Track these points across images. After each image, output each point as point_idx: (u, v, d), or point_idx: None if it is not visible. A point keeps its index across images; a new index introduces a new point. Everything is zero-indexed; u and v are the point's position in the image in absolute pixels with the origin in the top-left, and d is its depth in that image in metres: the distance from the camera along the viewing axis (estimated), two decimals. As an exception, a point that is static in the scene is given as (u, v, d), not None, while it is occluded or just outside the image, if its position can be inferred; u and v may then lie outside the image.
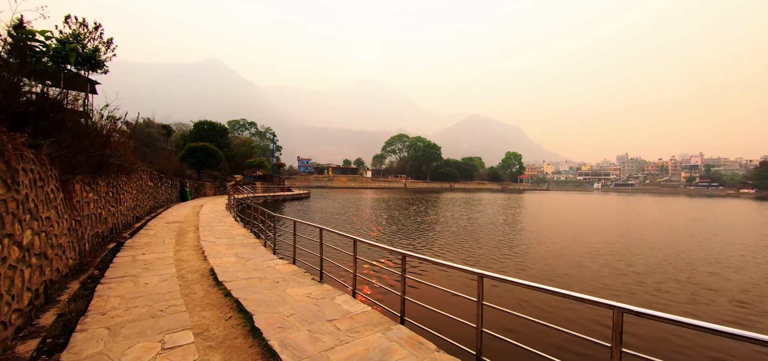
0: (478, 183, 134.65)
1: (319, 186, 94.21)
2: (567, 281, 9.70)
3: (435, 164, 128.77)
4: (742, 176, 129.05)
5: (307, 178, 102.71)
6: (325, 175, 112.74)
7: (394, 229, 19.54)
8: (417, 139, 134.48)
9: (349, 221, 22.47)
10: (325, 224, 20.72)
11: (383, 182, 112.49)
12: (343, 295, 5.41)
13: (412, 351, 3.68)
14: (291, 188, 52.79)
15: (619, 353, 2.59)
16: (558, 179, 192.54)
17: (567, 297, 2.92)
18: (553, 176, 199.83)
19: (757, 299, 8.32)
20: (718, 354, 5.49)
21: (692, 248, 15.00)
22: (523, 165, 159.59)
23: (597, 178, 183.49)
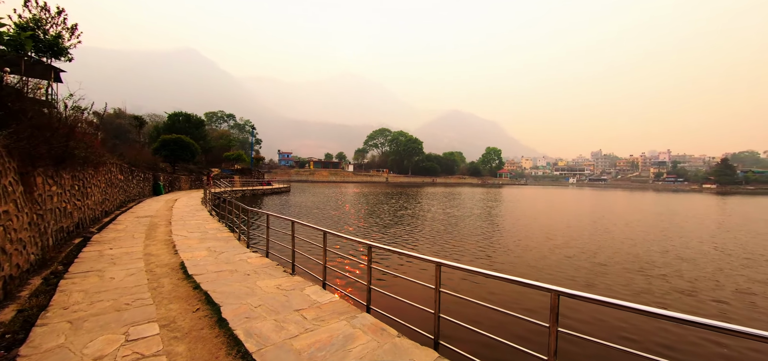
0: (459, 178, 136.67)
1: (300, 180, 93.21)
2: (524, 268, 10.17)
3: (417, 159, 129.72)
4: (705, 173, 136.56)
5: (288, 172, 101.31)
6: (307, 169, 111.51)
7: (371, 222, 19.73)
8: (399, 134, 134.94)
9: (328, 216, 22.50)
10: (304, 218, 20.69)
11: (365, 176, 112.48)
12: (313, 286, 5.53)
13: (373, 337, 3.86)
14: (271, 182, 52.07)
15: (555, 332, 2.84)
16: (536, 174, 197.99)
17: (513, 282, 3.16)
18: (531, 171, 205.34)
19: (700, 287, 9.00)
20: (649, 335, 5.95)
21: (651, 240, 15.92)
22: (502, 160, 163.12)
23: (572, 173, 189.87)
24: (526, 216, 24.54)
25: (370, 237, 15.00)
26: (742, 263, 11.48)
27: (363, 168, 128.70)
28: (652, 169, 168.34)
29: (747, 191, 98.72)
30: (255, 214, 18.13)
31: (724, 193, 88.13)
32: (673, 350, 5.47)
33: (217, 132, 67.72)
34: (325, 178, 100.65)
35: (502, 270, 10.04)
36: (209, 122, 79.32)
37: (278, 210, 25.09)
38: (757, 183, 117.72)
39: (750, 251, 13.54)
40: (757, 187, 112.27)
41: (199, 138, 42.16)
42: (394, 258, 10.28)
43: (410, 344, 3.74)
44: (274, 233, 11.73)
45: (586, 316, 6.53)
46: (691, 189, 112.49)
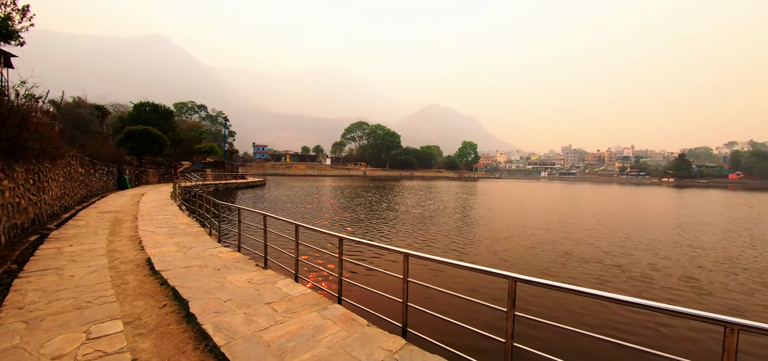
0: (436, 171, 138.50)
1: (276, 174, 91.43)
2: (492, 259, 10.58)
3: (394, 152, 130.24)
4: (664, 167, 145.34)
5: (264, 166, 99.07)
6: (283, 163, 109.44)
7: (346, 216, 19.75)
8: (377, 127, 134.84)
9: (303, 210, 22.30)
10: (279, 212, 20.39)
11: (343, 170, 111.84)
12: (285, 279, 5.54)
13: (343, 327, 3.95)
14: (245, 176, 50.77)
15: (512, 316, 3.03)
16: (510, 168, 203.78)
17: (474, 270, 3.33)
18: (506, 165, 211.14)
19: (651, 275, 9.68)
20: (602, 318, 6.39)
21: (612, 231, 16.88)
22: (478, 154, 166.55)
23: (544, 167, 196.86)
24: (499, 209, 25.32)
25: (343, 230, 15.05)
26: (690, 253, 12.42)
27: (341, 161, 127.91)
28: (617, 163, 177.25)
29: (700, 184, 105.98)
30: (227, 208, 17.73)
31: (680, 186, 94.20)
32: (624, 331, 5.90)
33: (188, 124, 65.15)
34: (301, 172, 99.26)
35: (470, 261, 10.40)
36: (179, 113, 76.19)
37: (252, 204, 24.60)
38: (709, 177, 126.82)
39: (699, 243, 14.64)
40: (709, 180, 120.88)
41: (167, 130, 40.43)
42: (366, 250, 10.44)
43: (379, 333, 3.86)
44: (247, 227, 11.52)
45: (548, 302, 6.91)
46: (652, 182, 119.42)
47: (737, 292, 8.18)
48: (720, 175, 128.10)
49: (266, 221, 6.39)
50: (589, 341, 5.17)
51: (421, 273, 8.31)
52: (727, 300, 7.62)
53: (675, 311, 2.44)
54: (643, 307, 2.55)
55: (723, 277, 9.31)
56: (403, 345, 3.61)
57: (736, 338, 2.19)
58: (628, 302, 2.62)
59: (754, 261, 11.18)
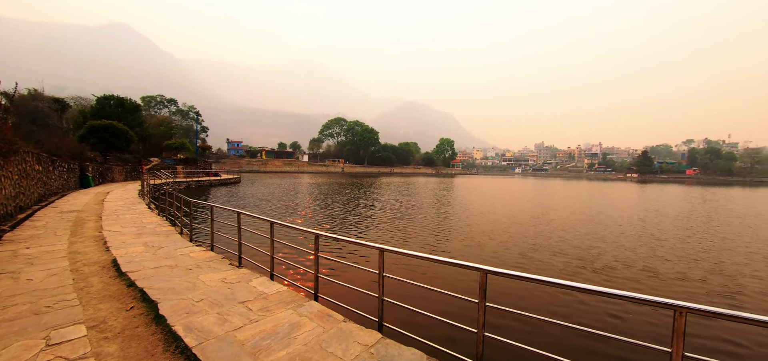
0: (414, 168, 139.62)
1: (251, 171, 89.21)
2: (468, 253, 10.87)
3: (373, 149, 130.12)
4: (629, 163, 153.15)
5: (238, 163, 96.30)
6: (259, 159, 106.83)
7: (324, 213, 19.62)
8: (355, 124, 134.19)
9: (280, 207, 21.93)
10: (254, 209, 19.97)
11: (320, 167, 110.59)
12: (260, 278, 5.46)
13: (319, 324, 3.95)
14: (219, 173, 49.27)
15: (483, 307, 3.14)
16: (486, 165, 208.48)
17: (447, 263, 3.42)
18: (482, 162, 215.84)
19: (613, 266, 10.25)
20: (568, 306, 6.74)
21: (580, 225, 17.69)
22: (455, 151, 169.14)
23: (518, 163, 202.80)
24: (476, 205, 25.90)
25: (320, 227, 14.96)
26: (651, 245, 13.22)
27: (318, 158, 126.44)
28: (586, 160, 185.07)
29: (661, 180, 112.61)
30: (199, 206, 17.17)
31: (643, 181, 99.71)
32: (588, 318, 6.23)
33: (157, 118, 62.28)
34: (278, 169, 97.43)
35: (445, 255, 10.61)
36: (147, 107, 72.76)
37: (226, 202, 23.93)
38: (669, 172, 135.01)
39: (659, 235, 15.60)
40: (669, 176, 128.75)
41: (134, 125, 38.58)
42: (343, 247, 10.48)
43: (355, 328, 3.89)
44: (220, 225, 11.24)
45: (518, 292, 7.18)
46: (618, 178, 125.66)
47: (691, 280, 8.80)
48: (678, 171, 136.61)
49: (240, 219, 6.25)
50: (556, 328, 5.44)
51: (397, 268, 8.42)
52: (682, 287, 8.18)
53: (631, 298, 2.62)
54: (604, 294, 2.72)
55: (678, 266, 9.98)
56: (379, 339, 3.66)
57: (684, 320, 2.37)
58: (590, 291, 2.78)
59: (705, 252, 12.04)
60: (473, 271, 3.21)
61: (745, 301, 7.46)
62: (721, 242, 13.71)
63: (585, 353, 5.03)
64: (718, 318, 2.35)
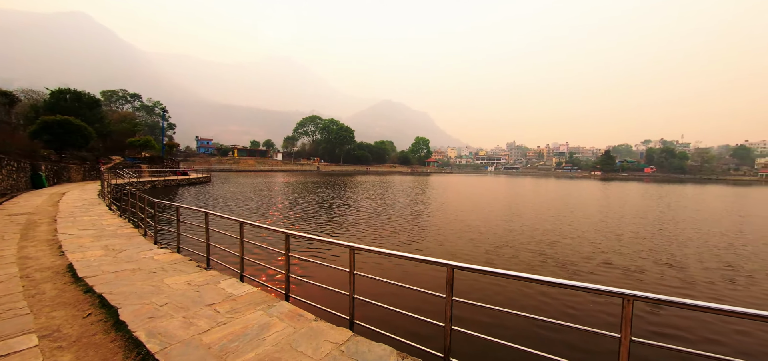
0: (390, 166, 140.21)
1: (222, 169, 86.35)
2: (438, 249, 11.13)
3: (348, 147, 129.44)
4: (593, 162, 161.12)
5: (209, 161, 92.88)
6: (230, 158, 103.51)
7: (297, 212, 19.35)
8: (330, 122, 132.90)
9: (251, 206, 21.41)
10: (225, 209, 19.38)
11: (295, 165, 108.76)
12: (229, 279, 5.33)
13: (290, 323, 3.92)
14: (187, 172, 47.36)
15: (450, 301, 3.24)
16: (460, 163, 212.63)
17: (415, 260, 3.49)
18: (456, 161, 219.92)
19: (576, 260, 10.81)
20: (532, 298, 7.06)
21: (547, 220, 18.48)
22: (430, 150, 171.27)
23: (491, 162, 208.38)
24: (451, 204, 26.40)
25: (293, 227, 14.77)
26: (611, 239, 14.02)
27: (293, 157, 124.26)
28: (554, 159, 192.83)
29: (622, 177, 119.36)
30: (165, 206, 16.48)
31: (606, 179, 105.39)
32: (550, 308, 6.55)
33: (119, 114, 58.95)
34: (251, 168, 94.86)
35: (416, 252, 10.79)
36: (108, 103, 68.73)
37: (195, 202, 23.06)
38: (629, 170, 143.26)
39: (618, 230, 16.57)
40: (629, 174, 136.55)
41: (94, 121, 36.32)
42: (314, 246, 10.43)
43: (327, 327, 3.89)
44: (187, 226, 10.87)
45: (485, 286, 7.43)
46: (583, 176, 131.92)
47: (644, 271, 9.43)
48: (638, 169, 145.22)
49: (208, 219, 6.07)
50: (520, 319, 5.69)
51: (369, 266, 8.48)
52: (634, 277, 8.76)
53: (586, 288, 2.80)
54: (561, 286, 2.88)
55: (633, 259, 10.67)
56: (349, 337, 3.68)
57: (631, 307, 2.56)
58: (548, 282, 2.94)
59: (657, 245, 12.93)
60: (441, 266, 3.31)
61: (692, 289, 8.09)
62: (673, 235, 14.75)
63: (546, 341, 5.28)
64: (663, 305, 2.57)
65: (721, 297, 7.65)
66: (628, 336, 2.56)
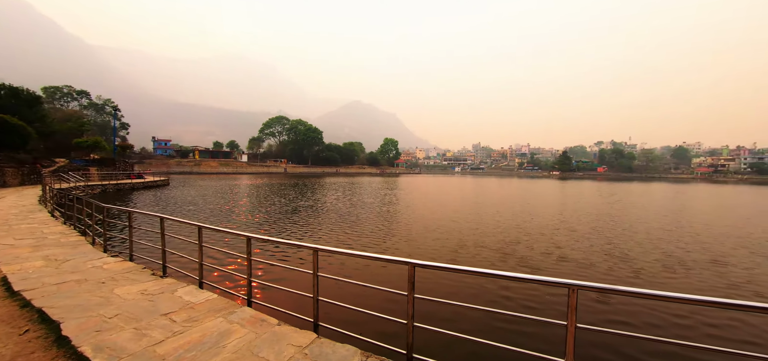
0: (359, 167, 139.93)
1: (182, 172, 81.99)
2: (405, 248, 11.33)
3: (317, 149, 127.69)
4: (552, 162, 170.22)
5: (167, 163, 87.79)
6: (191, 160, 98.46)
7: (262, 216, 18.83)
8: (298, 122, 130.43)
9: (213, 210, 20.54)
10: (184, 214, 18.43)
11: (261, 167, 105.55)
12: (187, 287, 5.10)
13: (252, 329, 3.83)
14: (143, 175, 44.52)
15: (412, 299, 3.32)
16: (428, 164, 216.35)
17: (378, 260, 3.55)
18: (424, 161, 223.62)
19: (530, 255, 11.41)
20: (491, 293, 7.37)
21: (508, 218, 19.31)
22: (399, 151, 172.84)
23: (458, 163, 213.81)
24: (418, 204, 26.81)
25: (256, 230, 14.36)
26: (566, 234, 14.91)
27: (259, 158, 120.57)
28: (516, 159, 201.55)
29: (578, 177, 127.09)
30: (115, 211, 15.43)
31: (564, 178, 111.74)
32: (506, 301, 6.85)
33: (64, 113, 54.28)
34: (213, 170, 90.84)
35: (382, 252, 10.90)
36: (51, 100, 63.06)
37: (151, 206, 21.74)
38: (584, 170, 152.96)
39: (572, 226, 17.64)
40: (584, 173, 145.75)
41: (34, 120, 33.25)
42: (277, 249, 10.20)
43: (290, 330, 3.85)
44: (142, 233, 10.23)
45: (446, 283, 7.66)
46: (543, 175, 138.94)
47: (594, 264, 10.13)
48: (591, 169, 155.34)
49: (164, 224, 5.77)
50: (479, 313, 5.92)
51: (334, 267, 8.43)
52: (585, 269, 9.39)
53: (535, 280, 2.99)
54: (514, 279, 3.05)
55: (585, 252, 11.43)
56: (313, 339, 3.66)
57: (576, 296, 2.75)
58: (503, 276, 3.09)
59: (606, 238, 13.93)
60: (403, 265, 3.38)
61: (636, 278, 8.80)
62: (621, 230, 15.95)
63: (503, 332, 5.53)
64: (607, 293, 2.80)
65: (661, 284, 8.39)
66: (574, 323, 2.76)
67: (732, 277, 9.00)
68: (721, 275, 9.13)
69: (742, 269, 9.68)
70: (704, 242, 13.27)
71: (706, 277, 9.03)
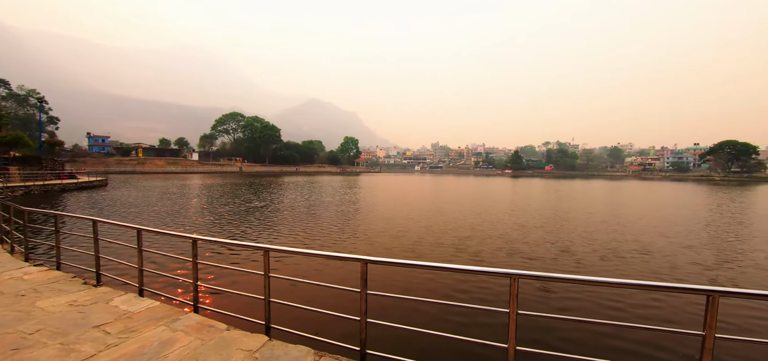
0: (319, 166, 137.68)
1: (123, 172, 75.35)
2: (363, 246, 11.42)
3: (274, 147, 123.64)
4: (505, 161, 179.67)
5: (105, 162, 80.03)
6: (133, 158, 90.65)
7: (212, 218, 17.89)
8: (254, 119, 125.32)
9: (158, 213, 19.13)
10: (123, 218, 16.95)
11: (214, 166, 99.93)
12: (125, 295, 4.71)
13: (198, 336, 3.63)
14: (76, 174, 40.27)
15: (365, 296, 3.34)
16: (388, 163, 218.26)
17: (330, 257, 3.53)
18: (385, 160, 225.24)
19: (483, 249, 12.00)
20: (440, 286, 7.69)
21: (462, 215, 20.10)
22: (359, 150, 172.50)
23: (417, 162, 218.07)
24: (379, 204, 26.96)
25: (202, 232, 13.62)
26: (515, 229, 15.83)
27: (211, 157, 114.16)
28: (473, 158, 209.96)
29: (528, 175, 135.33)
30: (39, 215, 13.87)
31: (515, 176, 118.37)
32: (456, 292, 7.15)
33: (-25, 104, 47.46)
34: (160, 169, 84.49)
35: (335, 250, 10.86)
36: (-42, 89, 54.86)
37: (86, 210, 19.74)
38: (534, 168, 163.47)
39: (523, 221, 18.76)
40: (533, 171, 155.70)
41: (-65, 111, 28.66)
42: (231, 251, 9.72)
43: (240, 335, 3.70)
44: (73, 238, 9.26)
45: (399, 279, 7.81)
46: (497, 174, 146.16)
47: (539, 255, 10.87)
48: (540, 167, 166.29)
49: (98, 228, 5.27)
50: (430, 306, 6.11)
51: (288, 268, 8.23)
52: (530, 260, 10.06)
53: (480, 271, 3.15)
54: (462, 271, 3.20)
55: (533, 246, 12.23)
56: (265, 342, 3.56)
57: (517, 285, 2.94)
58: (450, 269, 3.22)
59: (550, 231, 15.00)
60: (355, 262, 3.39)
61: (576, 266, 9.58)
62: (564, 222, 17.25)
63: (455, 324, 5.74)
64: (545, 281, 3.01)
65: (597, 271, 9.20)
66: (515, 310, 2.95)
67: (654, 264, 10.11)
68: (646, 262, 10.21)
69: (662, 257, 10.90)
70: (634, 233, 14.77)
71: (634, 263, 10.06)
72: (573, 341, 5.37)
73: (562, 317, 3.12)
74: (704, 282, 8.58)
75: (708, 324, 2.50)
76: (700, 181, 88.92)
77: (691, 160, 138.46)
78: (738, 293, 2.55)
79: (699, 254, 11.32)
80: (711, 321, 2.49)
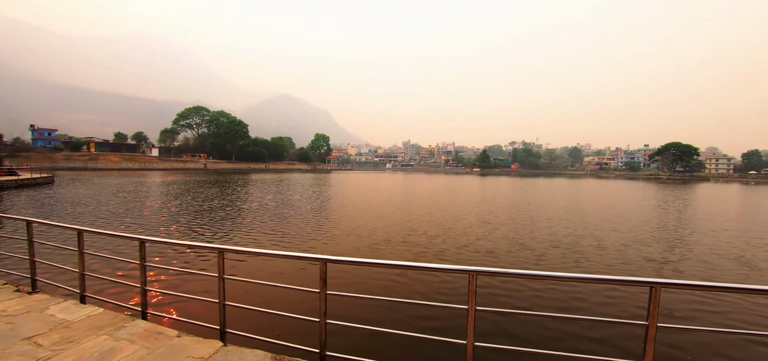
0: (289, 163, 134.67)
1: (73, 168, 69.76)
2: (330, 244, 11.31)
3: (242, 143, 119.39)
4: (474, 160, 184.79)
5: (52, 158, 73.49)
6: (85, 153, 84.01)
7: (165, 218, 16.99)
8: (219, 114, 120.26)
9: (108, 213, 17.88)
10: (63, 218, 15.66)
11: (176, 162, 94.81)
12: (63, 302, 4.33)
13: (144, 345, 3.40)
14: (16, 170, 36.80)
15: (324, 296, 3.26)
16: (360, 160, 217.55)
17: (290, 257, 3.42)
18: (356, 158, 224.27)
19: (449, 246, 12.26)
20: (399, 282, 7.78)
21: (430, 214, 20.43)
22: (330, 147, 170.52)
23: (389, 159, 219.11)
24: (349, 203, 26.77)
25: (152, 233, 12.87)
26: (480, 226, 16.29)
27: (173, 152, 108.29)
28: (443, 156, 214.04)
29: (495, 173, 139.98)
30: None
31: (483, 174, 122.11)
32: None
33: None
34: (115, 165, 78.97)
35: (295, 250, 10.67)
36: None
37: (26, 210, 18.07)
38: (500, 167, 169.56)
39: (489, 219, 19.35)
40: (500, 170, 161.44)
41: None
42: (182, 253, 9.18)
43: (191, 341, 3.50)
44: (4, 242, 8.39)
45: (355, 278, 7.77)
46: (466, 172, 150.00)
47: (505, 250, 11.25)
48: (506, 166, 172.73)
49: (32, 229, 4.80)
50: (391, 305, 6.12)
51: (246, 269, 7.93)
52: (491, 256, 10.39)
53: (440, 268, 3.14)
54: (422, 269, 3.21)
55: (495, 243, 12.64)
56: (218, 348, 3.39)
57: (475, 281, 2.98)
58: (411, 267, 3.23)
59: (513, 228, 15.58)
60: (315, 262, 3.31)
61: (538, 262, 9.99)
62: (527, 220, 17.97)
63: (415, 322, 5.78)
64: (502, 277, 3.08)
65: (556, 267, 9.65)
66: (474, 306, 2.99)
67: (608, 257, 10.76)
68: (601, 257, 10.85)
69: (615, 251, 11.64)
70: (590, 230, 15.66)
71: (592, 256, 10.66)
72: (528, 334, 5.56)
73: (518, 312, 3.21)
74: (650, 274, 9.23)
75: (651, 314, 2.66)
76: (649, 179, 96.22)
77: (641, 160, 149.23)
78: (679, 284, 2.72)
79: (649, 246, 12.21)
80: (653, 311, 2.64)
